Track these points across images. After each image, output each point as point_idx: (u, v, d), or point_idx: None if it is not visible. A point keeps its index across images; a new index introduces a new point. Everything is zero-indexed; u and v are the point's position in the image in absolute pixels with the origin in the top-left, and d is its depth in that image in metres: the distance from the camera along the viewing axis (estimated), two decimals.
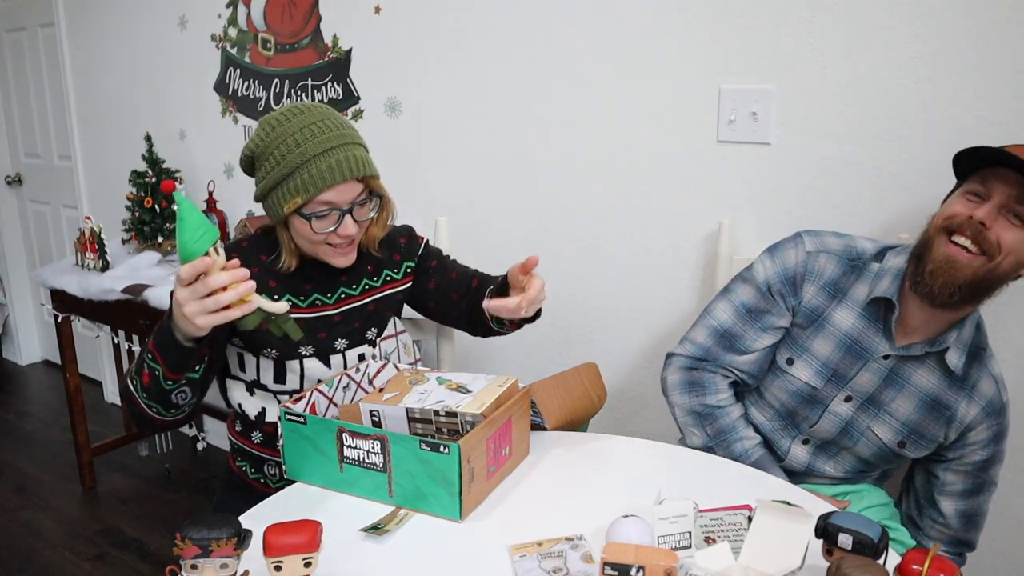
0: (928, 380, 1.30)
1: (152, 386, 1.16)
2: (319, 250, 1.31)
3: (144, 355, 1.16)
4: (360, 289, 1.43)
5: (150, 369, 1.15)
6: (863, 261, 1.33)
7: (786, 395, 1.38)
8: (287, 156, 1.23)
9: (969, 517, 1.38)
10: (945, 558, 0.85)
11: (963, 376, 1.29)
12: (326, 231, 1.26)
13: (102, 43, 3.22)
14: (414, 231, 1.54)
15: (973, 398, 1.30)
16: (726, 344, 1.40)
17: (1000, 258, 1.16)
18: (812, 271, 1.34)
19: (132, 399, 1.19)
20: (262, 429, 1.41)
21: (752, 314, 1.38)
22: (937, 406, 1.31)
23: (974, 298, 1.21)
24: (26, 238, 4.10)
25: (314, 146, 1.23)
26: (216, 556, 0.81)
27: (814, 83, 1.61)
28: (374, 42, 2.32)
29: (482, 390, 1.26)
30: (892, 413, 1.33)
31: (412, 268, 1.49)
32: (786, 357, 1.37)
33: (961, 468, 1.35)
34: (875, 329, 1.30)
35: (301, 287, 1.37)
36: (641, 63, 1.83)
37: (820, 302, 1.34)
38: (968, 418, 1.30)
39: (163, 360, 1.13)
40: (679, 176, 1.82)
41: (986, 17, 1.43)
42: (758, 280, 1.38)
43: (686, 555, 0.94)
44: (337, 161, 1.23)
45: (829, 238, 1.37)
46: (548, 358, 2.15)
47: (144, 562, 2.42)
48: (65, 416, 3.03)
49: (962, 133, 1.48)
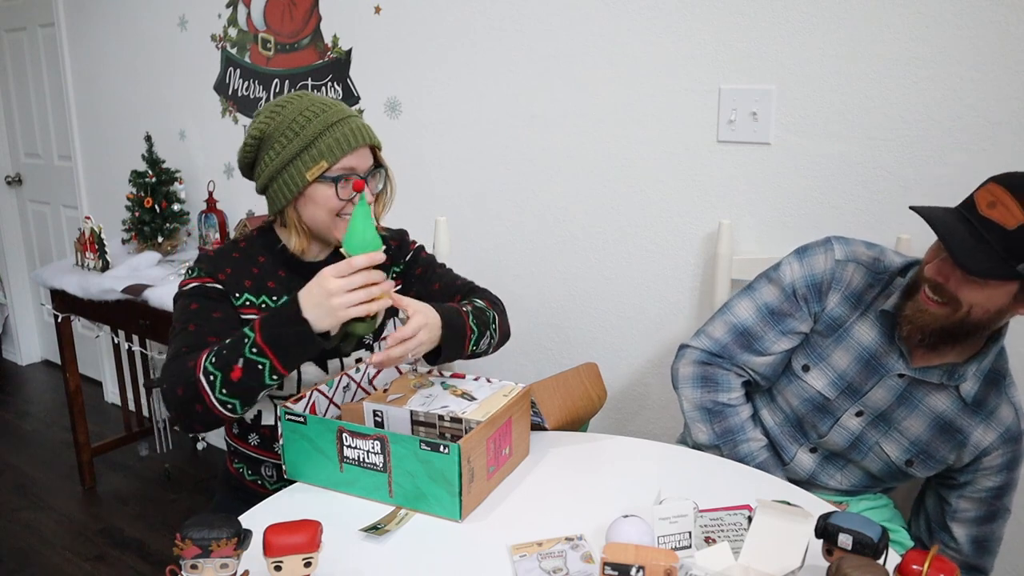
0: (942, 403, 1.28)
1: (246, 380, 1.14)
2: (334, 224, 1.31)
3: (241, 350, 1.14)
4: None
5: (251, 364, 1.14)
6: (890, 275, 1.30)
7: (798, 401, 1.37)
8: (305, 127, 1.27)
9: (981, 543, 1.35)
10: (945, 558, 0.85)
11: (979, 402, 1.27)
12: (348, 197, 1.29)
13: (102, 43, 3.22)
14: (407, 236, 1.53)
15: (991, 424, 1.28)
16: (744, 343, 1.38)
17: (964, 309, 1.15)
18: (839, 279, 1.32)
19: (198, 395, 1.15)
20: (259, 431, 1.40)
21: (774, 316, 1.36)
22: (950, 429, 1.29)
23: (955, 341, 1.20)
24: (26, 238, 4.10)
25: (330, 116, 1.29)
26: (216, 556, 0.81)
27: (814, 83, 1.61)
28: (374, 42, 2.32)
29: (487, 398, 1.26)
30: (902, 431, 1.31)
31: (398, 272, 1.48)
32: (802, 363, 1.35)
33: (974, 495, 1.33)
34: (891, 346, 1.28)
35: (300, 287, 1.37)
36: (641, 63, 1.83)
37: (843, 312, 1.32)
38: (984, 443, 1.28)
39: (276, 355, 1.14)
40: (679, 176, 1.82)
41: (986, 17, 1.43)
42: (784, 282, 1.36)
43: (686, 555, 0.94)
44: (353, 128, 1.30)
45: (859, 247, 1.34)
46: (548, 358, 2.15)
47: (144, 562, 2.42)
48: (65, 416, 3.03)
49: (962, 133, 1.48)
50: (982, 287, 1.12)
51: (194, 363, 1.16)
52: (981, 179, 1.47)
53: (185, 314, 1.28)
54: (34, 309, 4.21)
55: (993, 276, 1.10)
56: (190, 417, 1.18)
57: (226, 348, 1.16)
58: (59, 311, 2.74)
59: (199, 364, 1.16)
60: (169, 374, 1.19)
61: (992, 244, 1.09)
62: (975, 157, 1.48)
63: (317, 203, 1.30)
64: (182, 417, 1.20)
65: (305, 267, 1.37)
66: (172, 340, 1.26)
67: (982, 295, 1.13)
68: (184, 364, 1.18)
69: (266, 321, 1.15)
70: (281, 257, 1.37)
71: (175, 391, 1.17)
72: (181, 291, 1.31)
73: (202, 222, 2.73)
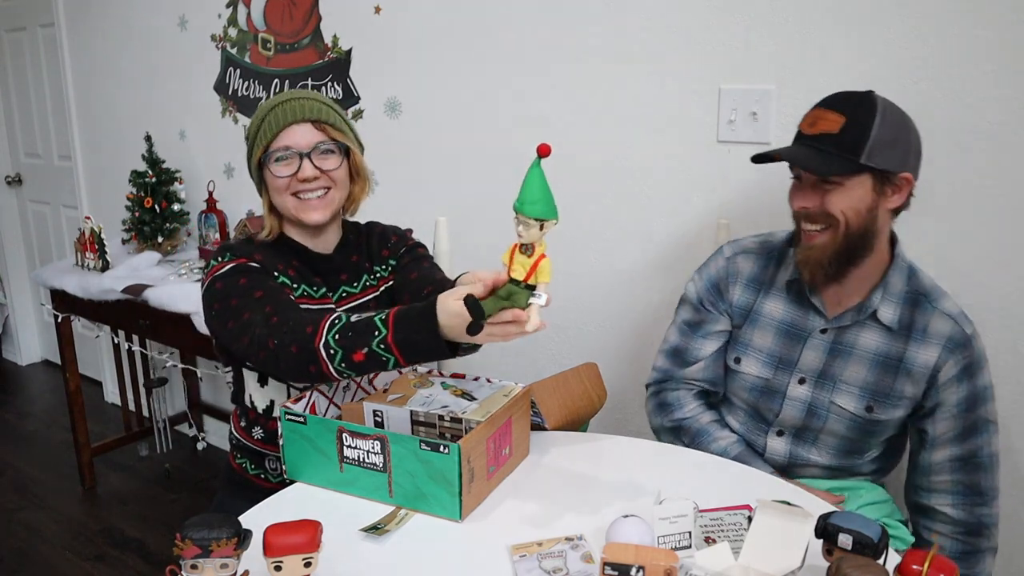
0: (871, 340, 1.32)
1: (368, 365, 1.13)
2: (287, 203, 1.34)
3: (368, 341, 1.11)
4: (361, 287, 1.45)
5: (376, 355, 1.12)
6: (780, 251, 1.41)
7: (745, 393, 1.44)
8: (258, 117, 1.35)
9: (966, 461, 1.32)
10: (945, 558, 0.85)
11: (906, 326, 1.31)
12: (287, 175, 1.31)
13: (102, 43, 3.22)
14: (409, 234, 1.54)
15: (928, 341, 1.30)
16: (678, 361, 1.49)
17: (842, 222, 1.24)
18: (733, 273, 1.44)
19: (316, 360, 1.15)
20: (266, 426, 1.41)
21: (692, 327, 1.48)
22: (890, 361, 1.32)
23: (852, 262, 1.27)
24: (26, 238, 4.10)
25: (276, 100, 1.34)
26: (216, 556, 0.81)
27: (814, 83, 1.61)
28: (374, 42, 2.32)
29: (487, 398, 1.27)
30: (848, 381, 1.34)
31: (393, 266, 1.49)
32: (734, 357, 1.45)
33: (947, 415, 1.31)
34: (804, 308, 1.36)
35: (313, 279, 1.40)
36: (641, 63, 1.83)
37: (748, 298, 1.42)
38: (931, 360, 1.29)
39: (403, 355, 1.12)
40: (679, 176, 1.82)
41: (986, 17, 1.43)
42: (692, 298, 1.49)
43: (686, 555, 0.94)
44: (291, 107, 1.32)
45: (747, 240, 1.47)
46: (548, 358, 2.15)
47: (144, 562, 2.42)
48: (65, 416, 3.03)
49: (962, 133, 1.48)
50: (842, 192, 1.23)
51: (313, 330, 1.15)
52: (981, 179, 1.48)
53: (237, 289, 1.28)
54: (34, 309, 4.21)
55: (843, 171, 1.22)
56: (300, 372, 1.18)
57: (352, 330, 1.13)
58: (59, 311, 2.74)
59: (320, 335, 1.14)
60: (280, 332, 1.18)
61: (830, 151, 1.22)
62: (975, 157, 1.48)
63: (270, 187, 1.35)
64: (290, 369, 1.19)
65: (315, 259, 1.41)
66: (235, 310, 1.25)
67: (846, 199, 1.23)
68: (299, 327, 1.17)
69: (401, 322, 1.11)
70: (289, 249, 1.40)
71: (289, 348, 1.16)
72: (217, 275, 1.30)
73: (202, 222, 2.73)
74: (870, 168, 1.21)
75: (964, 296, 1.51)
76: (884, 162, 1.22)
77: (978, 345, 1.31)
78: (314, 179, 1.32)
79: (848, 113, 1.22)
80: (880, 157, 1.21)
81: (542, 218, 0.99)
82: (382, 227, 1.53)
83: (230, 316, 1.26)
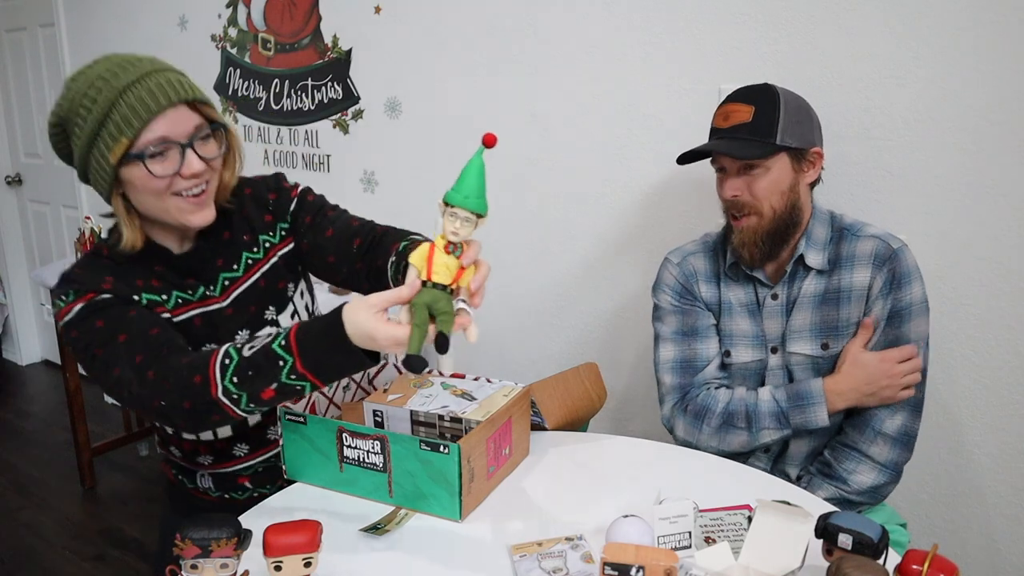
0: (810, 286, 1.38)
1: (279, 399, 1.02)
2: (168, 206, 1.10)
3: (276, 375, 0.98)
4: (243, 267, 1.24)
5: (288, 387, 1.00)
6: (721, 244, 1.48)
7: (751, 381, 1.44)
8: (98, 98, 1.04)
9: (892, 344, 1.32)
10: (945, 558, 0.85)
11: (835, 260, 1.37)
12: (168, 174, 1.06)
13: (102, 43, 3.22)
14: (283, 180, 1.31)
15: (858, 263, 1.35)
16: (688, 370, 1.45)
17: (766, 205, 1.33)
18: (690, 274, 1.48)
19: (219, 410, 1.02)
20: (180, 445, 1.28)
21: (687, 334, 1.46)
22: (829, 295, 1.37)
23: (785, 240, 1.36)
24: (26, 238, 4.10)
25: (126, 76, 1.04)
26: (216, 556, 0.81)
27: (814, 83, 1.61)
28: (374, 42, 2.32)
29: (487, 398, 1.27)
30: (800, 329, 1.39)
31: (286, 229, 1.28)
32: (724, 352, 1.46)
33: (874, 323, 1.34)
34: (752, 284, 1.43)
35: (184, 281, 1.20)
36: (641, 63, 1.83)
37: (713, 292, 1.47)
38: (865, 281, 1.34)
39: (319, 378, 0.99)
40: (679, 176, 1.82)
41: (986, 17, 1.43)
42: (668, 310, 1.48)
43: (686, 555, 0.94)
44: (157, 84, 1.05)
45: (687, 245, 1.52)
46: (548, 358, 2.15)
47: (144, 562, 2.42)
48: (65, 416, 3.03)
49: (962, 133, 1.48)
50: (766, 174, 1.32)
51: (204, 380, 1.00)
52: (981, 180, 1.48)
53: (97, 336, 1.07)
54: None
55: (763, 154, 1.30)
56: (200, 424, 1.07)
57: (251, 367, 0.99)
58: None
59: (213, 383, 1.00)
60: (162, 390, 1.03)
61: (747, 138, 1.31)
62: (975, 157, 1.48)
63: (137, 188, 1.08)
64: (188, 424, 1.07)
65: (179, 261, 1.19)
66: (101, 364, 1.07)
67: (770, 180, 1.32)
68: (184, 380, 1.01)
69: (306, 344, 0.97)
70: (151, 254, 1.17)
71: (180, 406, 1.02)
72: (68, 322, 1.09)
73: None
74: (786, 147, 1.31)
75: (964, 296, 1.51)
76: (796, 140, 1.32)
77: (906, 258, 1.33)
78: (202, 173, 1.10)
79: (756, 103, 1.33)
80: (791, 136, 1.32)
81: (482, 213, 0.90)
82: (251, 186, 1.28)
83: (98, 370, 1.08)
